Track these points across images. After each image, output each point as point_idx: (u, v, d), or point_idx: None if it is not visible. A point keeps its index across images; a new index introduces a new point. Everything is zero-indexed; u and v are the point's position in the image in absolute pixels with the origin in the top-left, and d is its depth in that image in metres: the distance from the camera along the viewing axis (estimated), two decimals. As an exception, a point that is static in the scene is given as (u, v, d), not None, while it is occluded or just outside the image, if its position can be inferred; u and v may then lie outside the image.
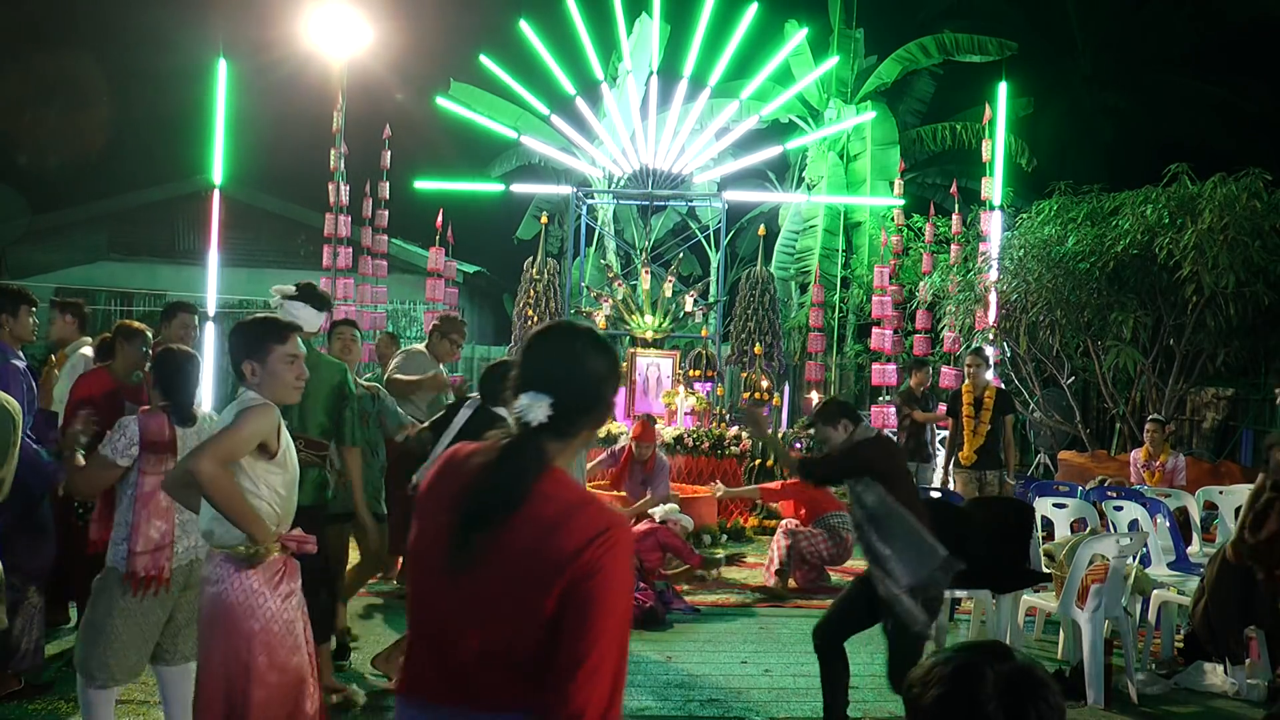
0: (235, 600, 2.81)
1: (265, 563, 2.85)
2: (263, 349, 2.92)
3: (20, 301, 4.57)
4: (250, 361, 2.90)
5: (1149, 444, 8.33)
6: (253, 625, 2.81)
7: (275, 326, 2.99)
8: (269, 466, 2.86)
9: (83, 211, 16.91)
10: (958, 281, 10.69)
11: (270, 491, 2.86)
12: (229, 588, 2.81)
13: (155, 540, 3.47)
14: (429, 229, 12.26)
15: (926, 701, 1.36)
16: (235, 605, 2.81)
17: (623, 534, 1.62)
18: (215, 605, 2.83)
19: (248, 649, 2.79)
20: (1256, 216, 8.61)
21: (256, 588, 2.83)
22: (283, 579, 2.89)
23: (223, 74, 10.42)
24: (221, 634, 2.81)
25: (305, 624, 2.98)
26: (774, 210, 17.55)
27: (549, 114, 13.10)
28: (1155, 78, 19.19)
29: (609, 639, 1.54)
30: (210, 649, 2.84)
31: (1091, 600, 4.85)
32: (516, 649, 1.59)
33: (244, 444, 2.77)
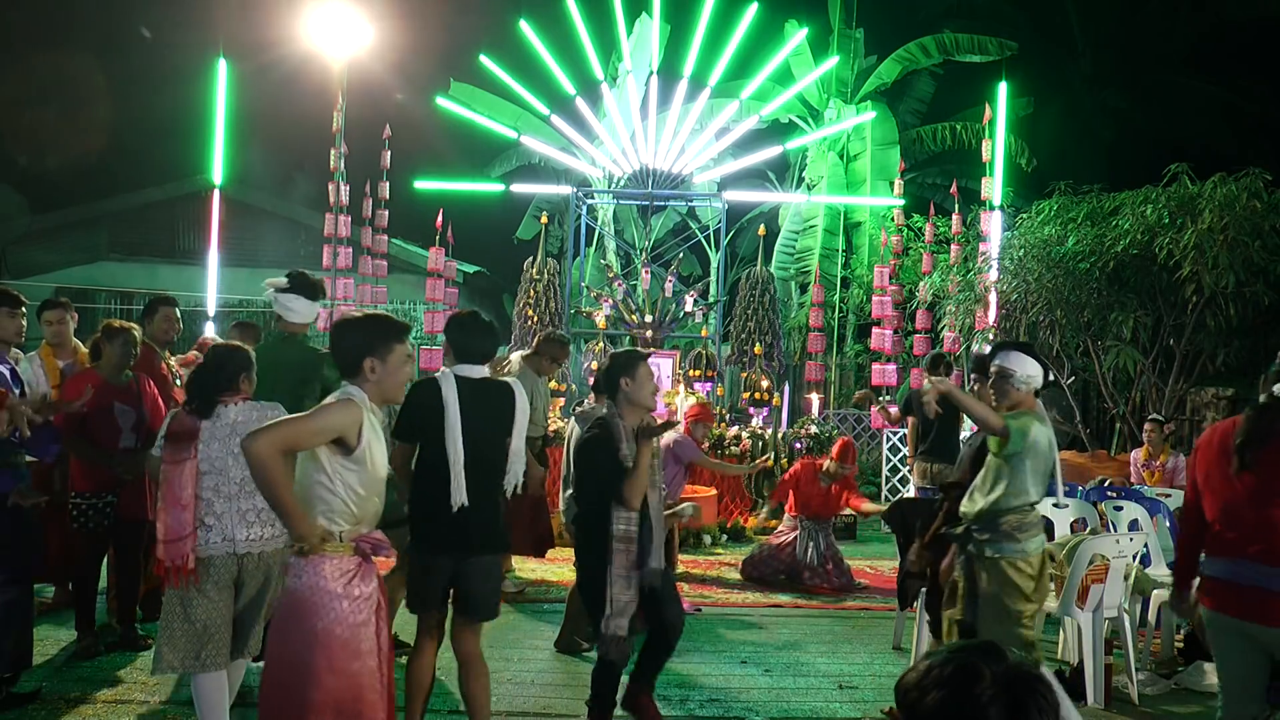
0: (304, 596, 2.78)
1: (337, 562, 2.80)
2: (387, 346, 2.90)
3: (3, 303, 4.53)
4: (372, 358, 2.88)
5: (1149, 444, 8.33)
6: (316, 624, 2.76)
7: (396, 324, 2.97)
8: (346, 463, 2.80)
9: (83, 211, 16.92)
10: (958, 281, 10.69)
11: (347, 489, 2.81)
12: (300, 583, 2.79)
13: (175, 529, 3.52)
14: (429, 229, 12.26)
15: (926, 706, 1.35)
16: (303, 601, 2.78)
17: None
18: (286, 598, 2.82)
19: (308, 647, 2.74)
20: (1256, 216, 8.60)
21: (327, 586, 2.78)
22: (355, 581, 2.83)
23: (223, 74, 10.42)
24: (287, 627, 2.79)
25: (381, 631, 2.89)
26: (774, 210, 17.55)
27: (549, 114, 13.10)
28: (1155, 78, 19.19)
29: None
30: (279, 640, 2.82)
31: (1091, 600, 4.85)
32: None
33: (310, 434, 2.71)
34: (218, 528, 3.62)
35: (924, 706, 1.36)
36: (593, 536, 3.85)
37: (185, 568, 3.52)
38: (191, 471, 3.58)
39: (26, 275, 15.46)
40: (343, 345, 2.92)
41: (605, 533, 3.79)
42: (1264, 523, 3.07)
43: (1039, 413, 4.09)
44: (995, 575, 4.02)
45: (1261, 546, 3.06)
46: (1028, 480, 3.99)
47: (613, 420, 3.90)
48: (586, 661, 5.27)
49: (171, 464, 3.58)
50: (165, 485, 3.58)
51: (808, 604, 6.54)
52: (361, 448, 2.82)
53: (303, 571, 2.79)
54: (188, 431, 3.61)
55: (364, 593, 2.83)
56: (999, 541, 4.00)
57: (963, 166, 15.88)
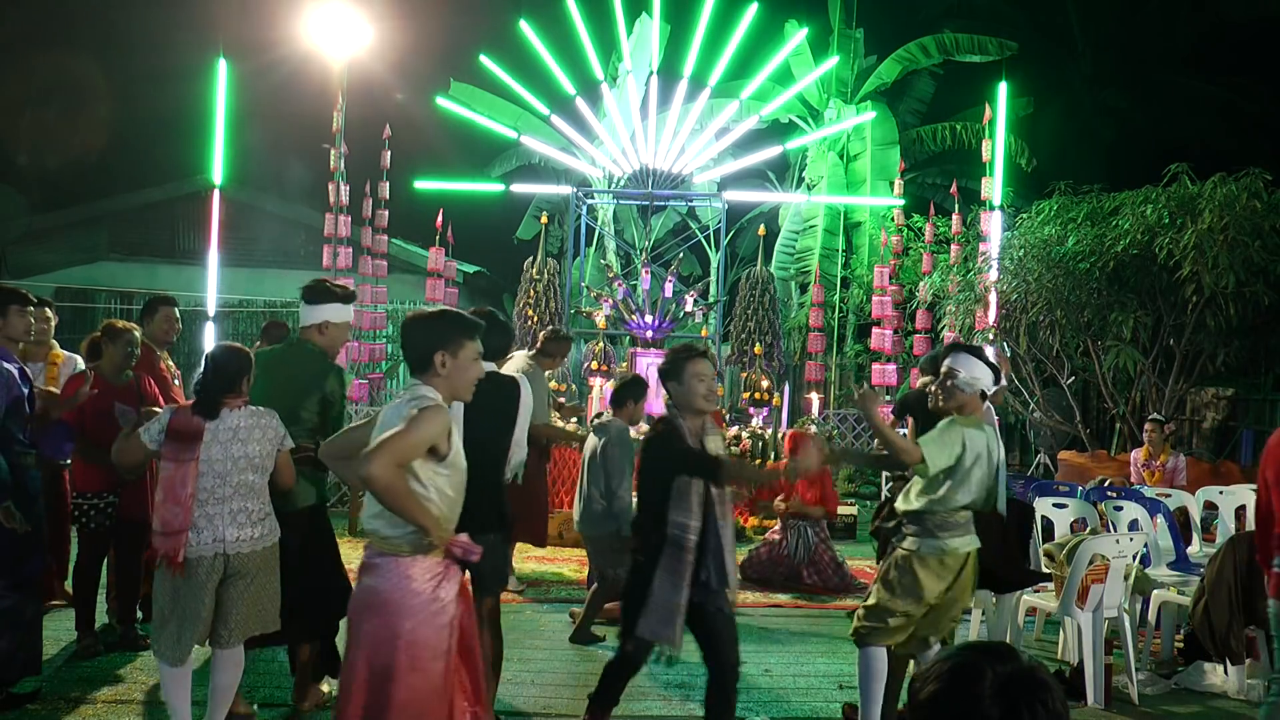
0: (391, 597, 2.78)
1: (426, 564, 2.81)
2: (458, 342, 2.90)
3: (10, 301, 4.49)
4: (443, 353, 2.88)
5: (1149, 444, 8.33)
6: (403, 624, 2.77)
7: (469, 321, 2.98)
8: (438, 468, 2.82)
9: (83, 211, 16.91)
10: (958, 281, 10.69)
11: (439, 494, 2.82)
12: (387, 583, 2.79)
13: (171, 524, 3.61)
14: (429, 229, 12.26)
15: (924, 697, 1.37)
16: (391, 602, 2.78)
17: None
18: (370, 597, 2.81)
19: (394, 647, 2.76)
20: (1256, 216, 8.60)
21: (415, 588, 2.79)
22: (442, 583, 2.84)
23: (223, 74, 10.42)
24: (371, 627, 2.79)
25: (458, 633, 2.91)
26: (774, 210, 17.55)
27: (549, 114, 13.10)
28: (1155, 78, 19.19)
29: None
30: (358, 640, 2.81)
31: (1091, 600, 4.85)
32: None
33: (419, 447, 2.73)
34: (209, 529, 3.66)
35: (922, 698, 1.38)
36: (650, 539, 3.67)
37: (175, 560, 3.61)
38: (194, 471, 3.63)
39: (26, 275, 15.44)
40: (414, 340, 2.92)
41: (662, 535, 3.62)
42: None
43: (981, 419, 4.01)
44: (898, 565, 3.95)
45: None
46: (960, 489, 3.90)
47: (675, 418, 3.75)
48: (586, 661, 5.27)
49: (174, 462, 3.63)
50: (166, 482, 3.64)
51: (808, 604, 6.54)
52: (453, 452, 2.85)
53: (390, 572, 2.80)
54: (192, 431, 3.65)
55: (449, 595, 2.86)
56: (919, 536, 3.93)
57: (963, 166, 15.87)
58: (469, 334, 2.94)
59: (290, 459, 3.88)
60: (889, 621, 3.91)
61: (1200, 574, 5.39)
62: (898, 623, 3.91)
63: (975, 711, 1.32)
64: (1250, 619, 4.95)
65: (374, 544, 2.84)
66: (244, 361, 3.80)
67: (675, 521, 3.58)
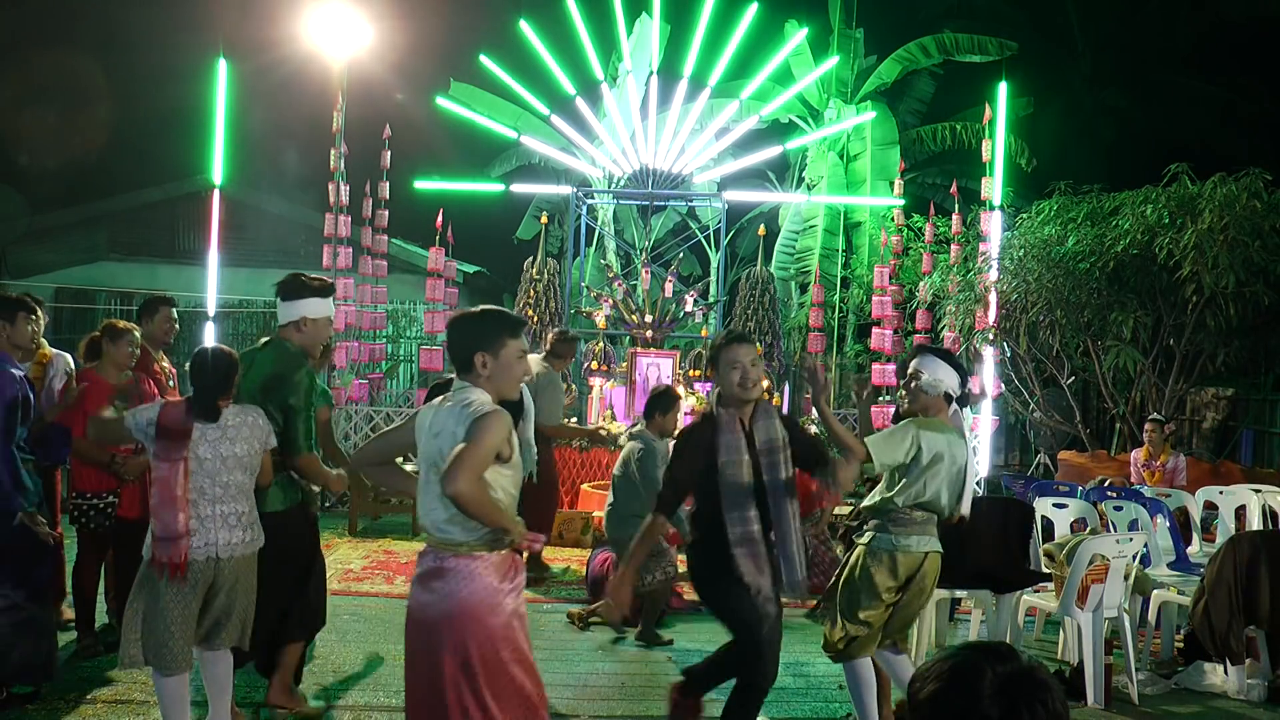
0: (479, 599, 2.79)
1: (500, 560, 2.85)
2: (499, 340, 2.89)
3: (18, 308, 4.50)
4: (484, 353, 2.86)
5: (1149, 444, 8.33)
6: (496, 621, 2.81)
7: (510, 318, 2.97)
8: (503, 469, 2.84)
9: (83, 211, 16.90)
10: (958, 281, 10.69)
11: (504, 493, 2.86)
12: (470, 586, 2.79)
13: (171, 528, 3.53)
14: (429, 229, 12.25)
15: (924, 696, 1.37)
16: (481, 603, 2.79)
17: None
18: (450, 602, 2.79)
19: (493, 645, 2.79)
20: (1256, 216, 8.60)
21: (496, 584, 2.82)
22: (512, 574, 2.90)
23: (223, 74, 10.41)
24: (463, 632, 2.77)
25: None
26: (774, 210, 17.55)
27: (549, 114, 13.09)
28: (1156, 77, 19.18)
29: None
30: (444, 646, 2.77)
31: (1091, 600, 4.85)
32: None
33: (491, 455, 2.75)
34: (201, 532, 3.60)
35: (922, 697, 1.38)
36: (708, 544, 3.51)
37: (182, 565, 3.53)
38: (184, 470, 3.57)
39: (26, 275, 15.45)
40: (455, 342, 2.92)
41: (724, 540, 3.45)
42: None
43: (945, 423, 3.97)
44: (854, 560, 3.94)
45: None
46: (914, 487, 3.87)
47: (714, 412, 3.62)
48: (586, 660, 5.27)
49: (166, 461, 3.57)
50: (160, 483, 3.58)
51: (808, 604, 6.54)
52: (514, 452, 2.88)
53: (469, 575, 2.80)
54: (181, 429, 3.58)
55: (520, 584, 2.94)
56: (875, 531, 3.92)
57: (963, 166, 15.87)
58: (511, 331, 2.91)
59: (271, 459, 3.85)
60: (858, 629, 3.87)
61: (1200, 574, 5.39)
62: (867, 628, 3.87)
63: (975, 711, 1.32)
64: (1250, 619, 4.95)
65: (441, 549, 2.83)
66: (234, 361, 3.78)
67: (734, 515, 3.46)
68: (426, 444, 2.87)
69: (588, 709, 4.58)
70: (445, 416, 2.83)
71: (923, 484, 3.87)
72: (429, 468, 2.84)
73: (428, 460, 2.86)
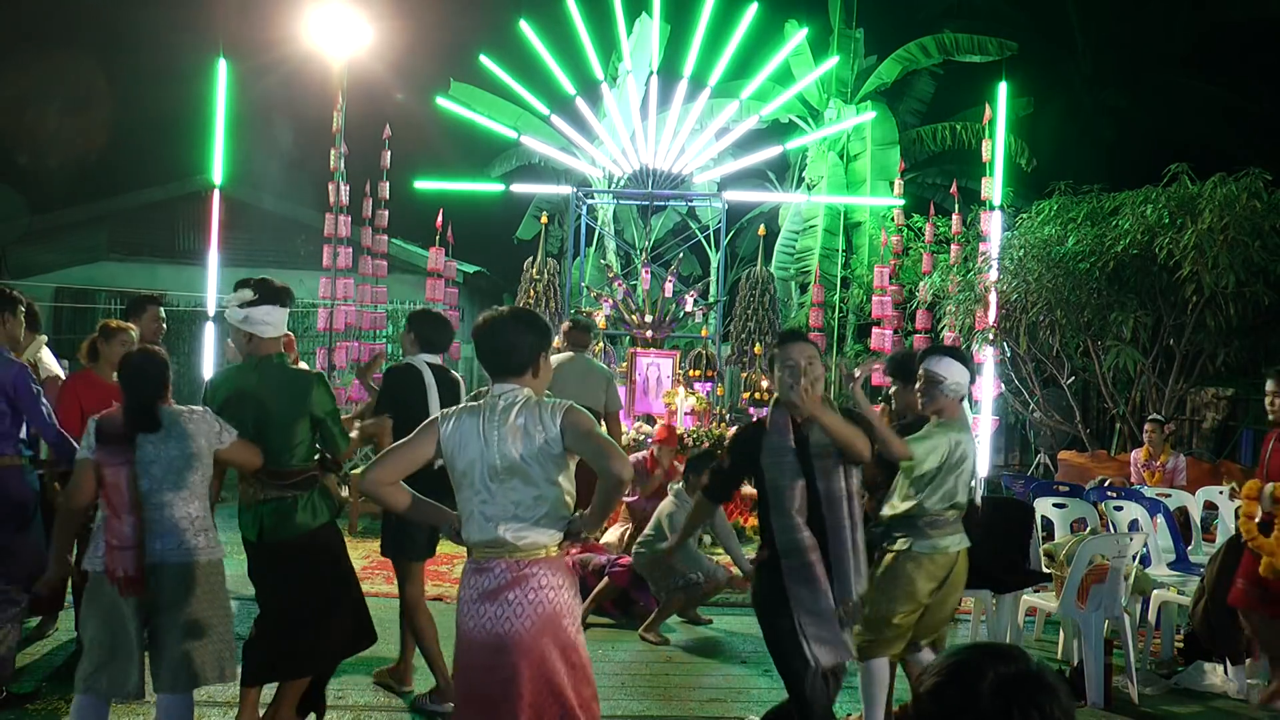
0: (565, 600, 2.75)
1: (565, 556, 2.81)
2: (550, 342, 2.97)
3: (15, 303, 4.53)
4: (544, 355, 2.88)
5: (1149, 444, 8.33)
6: (572, 626, 2.76)
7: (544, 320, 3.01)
8: (572, 467, 2.84)
9: (83, 211, 16.90)
10: (958, 281, 10.69)
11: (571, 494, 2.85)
12: (556, 589, 2.73)
13: (123, 537, 3.37)
14: (429, 229, 12.25)
15: (924, 689, 1.40)
16: (563, 610, 2.73)
17: None
18: (541, 610, 2.69)
19: (577, 649, 2.75)
20: (1256, 216, 8.60)
21: (567, 583, 2.78)
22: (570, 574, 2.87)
23: (223, 74, 10.41)
24: (556, 638, 2.71)
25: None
26: (774, 210, 17.55)
27: (549, 114, 13.09)
28: (1156, 77, 19.19)
29: None
30: (545, 659, 2.68)
31: (1091, 600, 4.85)
32: None
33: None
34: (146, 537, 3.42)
35: (923, 690, 1.40)
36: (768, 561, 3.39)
37: (133, 577, 3.35)
38: (129, 475, 3.41)
39: (26, 275, 15.44)
40: (518, 343, 2.81)
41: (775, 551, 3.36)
42: None
43: (961, 421, 4.01)
44: (889, 568, 3.90)
45: None
46: (943, 489, 3.89)
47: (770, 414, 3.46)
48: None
49: (110, 467, 3.41)
50: (110, 490, 3.43)
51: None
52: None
53: (552, 578, 2.73)
54: (119, 432, 3.43)
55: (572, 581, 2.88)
56: (911, 536, 3.89)
57: (963, 166, 15.87)
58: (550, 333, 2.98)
59: (247, 447, 3.59)
60: (886, 632, 3.86)
61: (1200, 574, 5.40)
62: (895, 631, 3.87)
63: (970, 708, 1.33)
64: (1250, 619, 4.95)
65: (512, 557, 2.70)
66: (165, 364, 3.58)
67: (782, 524, 3.33)
68: (487, 450, 2.70)
69: (588, 709, 4.59)
70: (513, 418, 2.71)
71: (954, 484, 3.91)
72: (499, 474, 2.69)
73: (498, 466, 2.69)
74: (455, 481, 2.78)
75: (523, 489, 2.69)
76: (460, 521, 2.80)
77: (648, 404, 10.16)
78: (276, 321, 3.72)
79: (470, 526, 2.75)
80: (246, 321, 3.68)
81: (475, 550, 2.76)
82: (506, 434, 2.70)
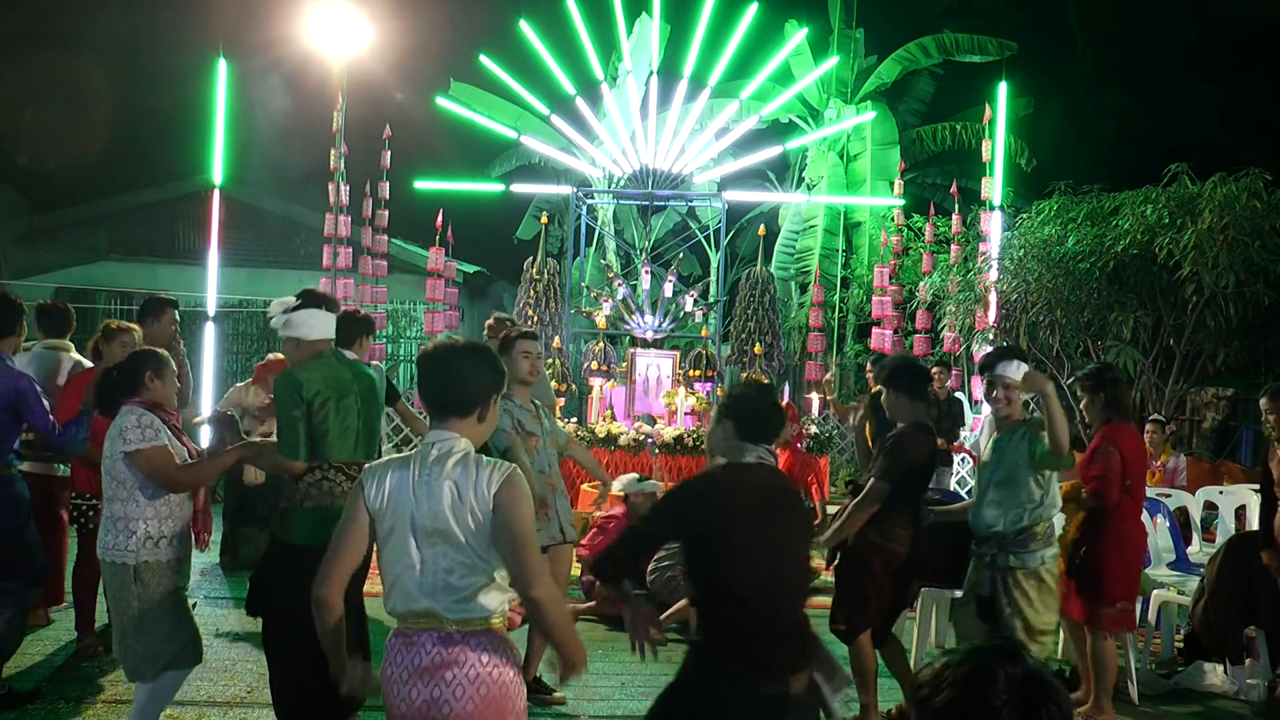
0: (508, 683, 2.39)
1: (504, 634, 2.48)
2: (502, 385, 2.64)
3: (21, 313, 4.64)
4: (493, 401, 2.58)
5: (1150, 444, 8.32)
6: (520, 705, 2.44)
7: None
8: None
9: (83, 211, 16.91)
10: (958, 281, 10.69)
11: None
12: (496, 672, 2.37)
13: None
14: (429, 229, 12.25)
15: (936, 704, 1.34)
16: (510, 690, 2.40)
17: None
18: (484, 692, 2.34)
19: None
20: (1256, 216, 8.60)
21: (510, 659, 2.43)
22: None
23: (223, 74, 10.41)
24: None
25: None
26: (774, 210, 17.54)
27: (549, 114, 13.09)
28: (1155, 77, 19.19)
29: None
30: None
31: (1091, 600, 4.84)
32: None
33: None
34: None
35: (934, 704, 1.34)
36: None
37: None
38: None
39: (26, 275, 15.44)
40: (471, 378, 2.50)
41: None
42: None
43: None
44: (1033, 584, 3.96)
45: None
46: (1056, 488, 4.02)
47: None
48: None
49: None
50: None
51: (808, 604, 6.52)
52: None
53: (504, 655, 2.42)
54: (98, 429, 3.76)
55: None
56: (1040, 548, 3.96)
57: (963, 166, 15.87)
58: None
59: (158, 460, 3.56)
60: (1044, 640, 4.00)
61: (1200, 574, 5.39)
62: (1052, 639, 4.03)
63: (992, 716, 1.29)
64: (1250, 619, 4.95)
65: (443, 630, 2.37)
66: (148, 362, 3.71)
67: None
68: (417, 508, 2.38)
69: (587, 709, 4.59)
70: (445, 473, 2.39)
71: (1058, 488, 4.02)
72: (428, 535, 2.38)
73: (427, 527, 2.38)
74: (379, 541, 2.44)
75: (453, 555, 2.36)
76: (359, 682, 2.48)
77: (648, 404, 10.16)
78: (320, 324, 3.75)
79: (395, 595, 2.41)
80: (288, 325, 3.73)
81: (401, 621, 2.43)
82: (437, 491, 2.37)
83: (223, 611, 6.01)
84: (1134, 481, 4.60)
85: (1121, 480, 4.50)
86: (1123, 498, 4.54)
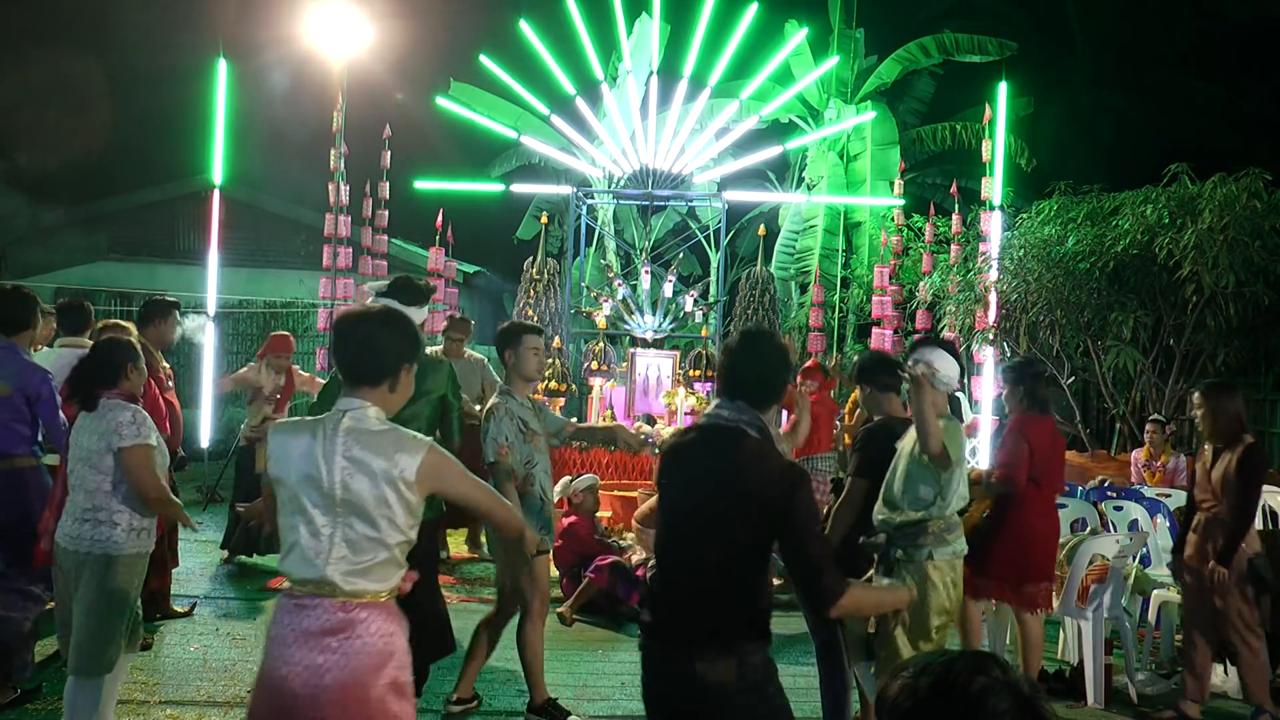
0: (397, 647, 2.39)
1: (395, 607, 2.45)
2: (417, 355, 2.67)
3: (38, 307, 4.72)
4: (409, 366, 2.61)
5: (1150, 445, 8.34)
6: (404, 672, 2.41)
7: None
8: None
9: (83, 211, 16.90)
10: (958, 281, 10.69)
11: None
12: (382, 641, 2.36)
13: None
14: (429, 229, 12.26)
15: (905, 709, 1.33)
16: (397, 651, 2.39)
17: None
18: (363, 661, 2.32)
19: (398, 698, 2.38)
20: (1256, 216, 8.60)
21: (399, 630, 2.42)
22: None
23: (223, 74, 10.41)
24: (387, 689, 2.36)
25: None
26: (774, 210, 17.55)
27: (549, 114, 13.10)
28: (1155, 77, 19.19)
29: None
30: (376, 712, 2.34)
31: (1091, 600, 4.85)
32: None
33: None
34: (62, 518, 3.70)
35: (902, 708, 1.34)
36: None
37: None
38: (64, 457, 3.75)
39: (26, 275, 15.43)
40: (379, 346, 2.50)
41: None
42: None
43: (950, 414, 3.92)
44: (926, 579, 3.70)
45: None
46: (957, 487, 3.77)
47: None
48: (586, 660, 5.27)
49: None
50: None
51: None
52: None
53: (394, 626, 2.41)
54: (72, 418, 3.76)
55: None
56: (931, 546, 3.71)
57: (963, 166, 15.88)
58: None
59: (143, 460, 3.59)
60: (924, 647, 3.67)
61: (1200, 574, 5.39)
62: (933, 646, 3.69)
63: None
64: (1250, 619, 4.94)
65: (337, 599, 2.34)
66: (126, 354, 3.73)
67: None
68: (326, 477, 2.35)
69: (588, 709, 4.59)
70: (354, 443, 2.36)
71: (965, 484, 3.83)
72: (335, 506, 2.35)
73: (336, 497, 2.35)
74: (281, 502, 2.41)
75: (359, 527, 2.34)
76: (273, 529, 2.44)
77: (648, 404, 10.16)
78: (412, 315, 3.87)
79: (292, 558, 2.37)
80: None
81: (295, 584, 2.38)
82: (348, 461, 2.35)
83: (223, 611, 6.01)
84: (1041, 473, 4.60)
85: (1029, 469, 4.49)
86: (1029, 488, 4.52)
